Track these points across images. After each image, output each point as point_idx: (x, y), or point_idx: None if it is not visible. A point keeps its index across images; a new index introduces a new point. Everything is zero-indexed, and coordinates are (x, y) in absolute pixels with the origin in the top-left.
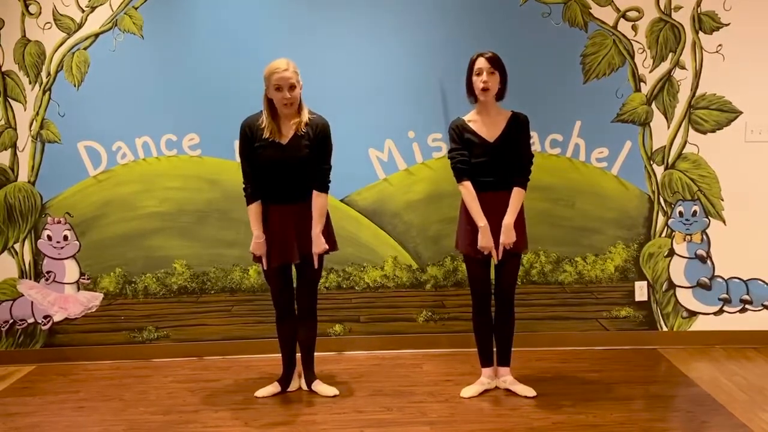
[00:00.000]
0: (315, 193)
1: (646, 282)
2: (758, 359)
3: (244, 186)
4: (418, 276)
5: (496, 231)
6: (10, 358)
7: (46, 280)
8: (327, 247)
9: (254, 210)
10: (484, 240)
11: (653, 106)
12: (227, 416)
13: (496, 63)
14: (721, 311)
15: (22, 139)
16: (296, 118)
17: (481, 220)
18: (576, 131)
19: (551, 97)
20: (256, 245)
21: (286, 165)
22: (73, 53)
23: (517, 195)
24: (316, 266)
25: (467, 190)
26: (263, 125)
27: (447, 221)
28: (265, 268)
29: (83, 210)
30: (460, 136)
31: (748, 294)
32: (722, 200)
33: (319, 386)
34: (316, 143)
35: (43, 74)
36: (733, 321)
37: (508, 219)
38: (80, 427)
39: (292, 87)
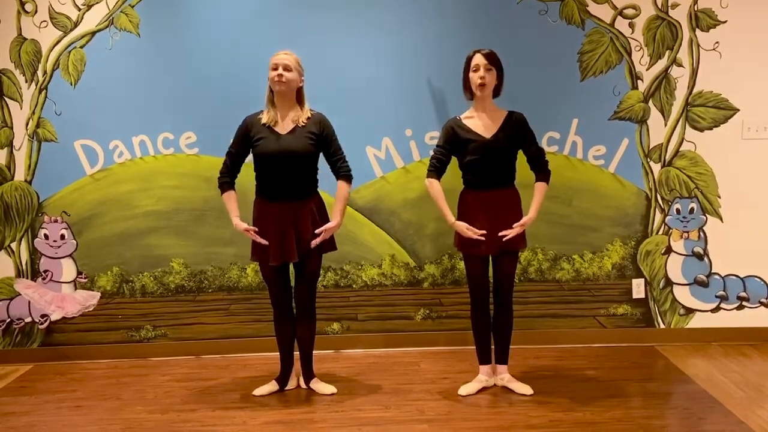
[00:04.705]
0: (341, 183)
1: (643, 279)
2: (755, 356)
3: (219, 176)
4: (416, 274)
5: (493, 228)
6: (7, 357)
7: (43, 279)
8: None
9: (230, 197)
10: (468, 233)
11: (650, 103)
12: (225, 415)
13: (493, 59)
14: (718, 308)
15: (19, 138)
16: (296, 112)
17: (448, 218)
18: (573, 129)
19: (548, 94)
20: (238, 229)
21: (283, 156)
22: (70, 52)
23: (541, 190)
24: (317, 243)
25: (432, 187)
26: (263, 120)
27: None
28: (254, 245)
29: (80, 209)
30: (451, 137)
31: (745, 291)
32: (719, 197)
33: (317, 384)
34: (325, 139)
35: (40, 73)
36: (730, 318)
37: (532, 214)
38: (77, 426)
39: (286, 68)
